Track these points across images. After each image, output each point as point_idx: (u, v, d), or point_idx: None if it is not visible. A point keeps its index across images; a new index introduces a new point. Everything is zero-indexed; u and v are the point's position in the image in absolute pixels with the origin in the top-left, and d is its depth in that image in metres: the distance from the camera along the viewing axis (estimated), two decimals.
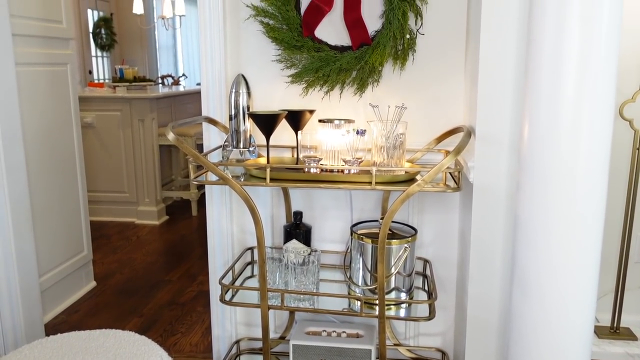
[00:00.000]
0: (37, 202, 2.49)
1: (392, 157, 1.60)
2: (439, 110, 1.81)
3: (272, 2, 1.76)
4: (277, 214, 1.98)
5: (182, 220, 4.39)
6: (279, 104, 1.88)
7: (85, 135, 4.03)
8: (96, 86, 4.83)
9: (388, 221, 1.49)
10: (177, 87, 6.05)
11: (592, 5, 1.09)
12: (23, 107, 2.34)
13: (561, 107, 1.14)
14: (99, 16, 7.37)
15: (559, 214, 1.19)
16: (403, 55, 1.76)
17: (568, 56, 1.12)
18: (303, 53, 1.79)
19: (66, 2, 2.72)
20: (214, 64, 1.85)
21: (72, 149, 2.82)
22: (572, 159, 1.15)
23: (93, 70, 7.23)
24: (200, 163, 1.55)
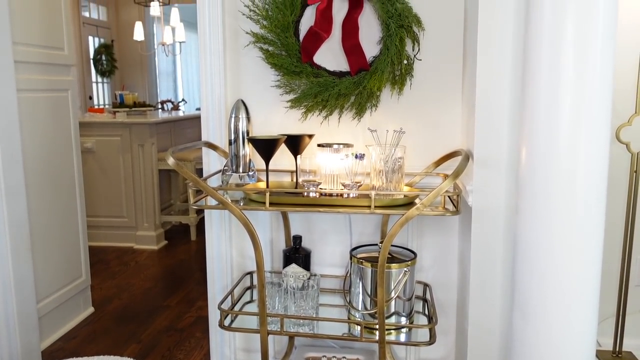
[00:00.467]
0: (36, 227, 2.48)
1: (390, 181, 1.61)
2: (437, 134, 1.83)
3: (272, 29, 1.79)
4: (277, 238, 1.98)
5: (180, 245, 4.38)
6: (278, 129, 1.89)
7: (85, 160, 4.05)
8: (96, 111, 4.86)
9: (387, 245, 1.49)
10: (176, 112, 6.09)
11: (586, 31, 1.11)
12: (24, 133, 2.35)
13: (558, 132, 1.15)
14: (100, 43, 7.46)
15: (558, 237, 1.19)
16: (401, 80, 1.79)
17: (564, 82, 1.13)
18: (302, 78, 1.81)
19: (68, 29, 2.76)
20: (214, 90, 1.87)
21: (72, 174, 2.83)
22: (570, 182, 1.16)
23: (93, 96, 7.29)
24: (200, 188, 1.56)
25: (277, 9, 1.78)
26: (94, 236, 4.19)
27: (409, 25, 1.74)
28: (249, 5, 1.83)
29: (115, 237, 4.32)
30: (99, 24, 7.51)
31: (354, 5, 1.77)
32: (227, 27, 1.87)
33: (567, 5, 1.11)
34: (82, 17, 6.99)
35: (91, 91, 7.24)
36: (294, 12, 1.78)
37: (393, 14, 1.72)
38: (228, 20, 1.86)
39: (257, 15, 1.81)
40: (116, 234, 4.31)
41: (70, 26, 2.78)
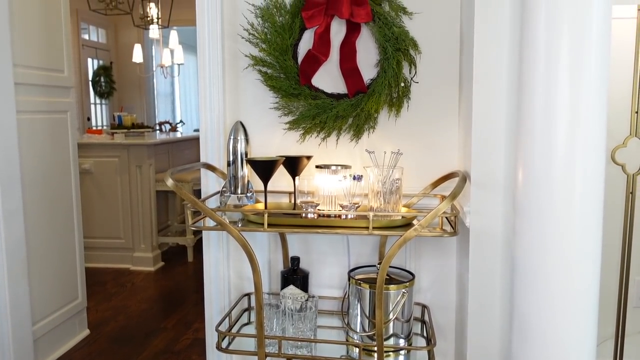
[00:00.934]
0: (32, 248, 2.48)
1: (388, 202, 1.62)
2: (434, 155, 1.84)
3: (270, 52, 1.81)
4: (275, 259, 1.98)
5: (177, 266, 4.36)
6: (276, 150, 1.90)
7: (82, 181, 4.04)
8: (95, 133, 4.88)
9: (385, 266, 1.49)
10: (174, 133, 6.12)
11: (580, 55, 1.13)
12: (22, 154, 2.36)
13: (554, 153, 1.16)
14: (99, 65, 7.52)
15: (555, 258, 1.20)
16: (398, 102, 1.81)
17: (559, 104, 1.15)
18: (300, 101, 1.83)
19: (68, 51, 2.78)
20: (213, 112, 1.88)
21: (70, 196, 2.83)
22: (567, 204, 1.17)
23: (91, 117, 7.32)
24: (199, 209, 1.56)
25: (276, 33, 1.80)
26: (91, 257, 4.17)
27: (406, 48, 1.76)
28: (248, 29, 1.85)
29: (112, 258, 4.30)
30: (98, 46, 7.58)
31: (351, 29, 1.80)
32: (227, 50, 1.89)
33: (561, 30, 1.13)
34: (81, 39, 7.05)
35: (89, 113, 7.27)
36: (293, 35, 1.81)
37: (390, 37, 1.75)
38: (227, 43, 1.89)
39: (256, 38, 1.84)
40: (113, 255, 4.29)
41: (70, 48, 2.81)
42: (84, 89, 7.15)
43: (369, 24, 1.78)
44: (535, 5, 1.17)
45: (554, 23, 1.14)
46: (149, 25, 5.81)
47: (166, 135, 5.22)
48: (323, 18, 1.77)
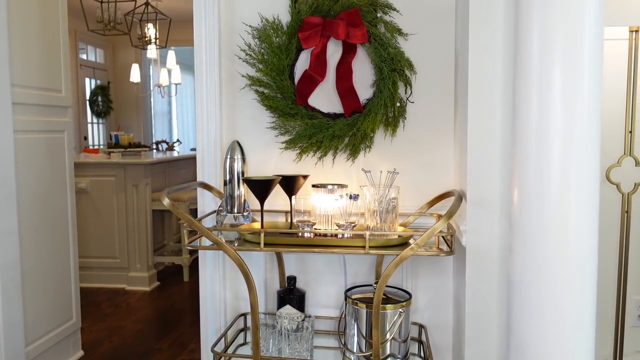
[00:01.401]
0: (27, 268, 2.46)
1: (385, 221, 1.62)
2: (430, 174, 1.85)
3: (267, 72, 1.83)
4: (271, 279, 1.97)
5: (173, 286, 4.33)
6: (273, 170, 1.91)
7: (78, 200, 4.04)
8: (91, 152, 4.88)
9: (382, 285, 1.49)
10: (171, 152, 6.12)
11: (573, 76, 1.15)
12: (19, 174, 2.36)
13: (549, 173, 1.17)
14: (97, 84, 7.55)
15: (551, 278, 1.20)
16: (394, 122, 1.82)
17: (553, 124, 1.16)
18: (297, 120, 1.84)
19: (66, 71, 2.80)
20: (210, 131, 1.89)
21: (66, 215, 2.82)
22: (562, 223, 1.17)
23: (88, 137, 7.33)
24: (195, 228, 1.56)
25: (273, 53, 1.82)
26: (86, 277, 4.14)
27: (402, 69, 1.78)
28: (245, 50, 1.87)
29: (107, 278, 4.27)
30: (96, 66, 7.63)
31: (347, 49, 1.82)
32: (224, 70, 1.91)
33: (554, 52, 1.15)
34: (79, 59, 7.10)
35: (86, 132, 7.29)
36: (289, 56, 1.82)
37: (386, 58, 1.77)
38: (224, 63, 1.91)
39: (253, 59, 1.85)
40: (108, 275, 4.26)
41: (68, 68, 2.82)
42: (81, 109, 7.17)
43: (364, 44, 1.80)
44: (529, 26, 1.19)
45: (547, 45, 1.15)
46: (147, 45, 5.85)
47: (163, 155, 5.23)
48: (319, 39, 1.79)
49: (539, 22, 1.16)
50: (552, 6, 1.14)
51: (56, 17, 2.72)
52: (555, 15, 1.14)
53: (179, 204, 4.21)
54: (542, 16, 1.15)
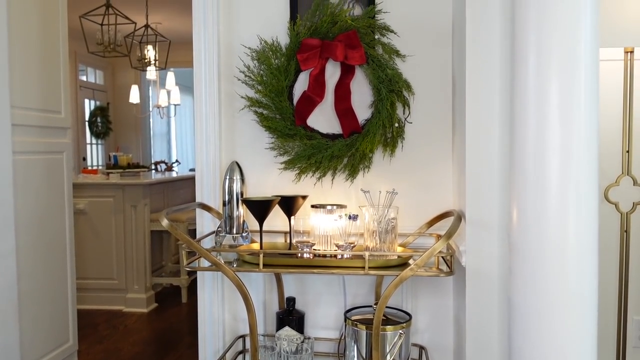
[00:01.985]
0: (24, 290, 2.44)
1: (384, 241, 1.62)
2: (429, 194, 1.85)
3: (266, 94, 1.84)
4: (270, 300, 1.96)
5: (171, 307, 4.29)
6: (272, 190, 1.91)
7: (76, 221, 4.02)
8: (90, 173, 4.88)
9: (382, 306, 1.48)
10: (170, 172, 6.13)
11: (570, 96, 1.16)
12: (17, 194, 2.35)
13: (547, 193, 1.17)
14: (96, 105, 7.59)
15: (551, 299, 1.19)
16: (392, 142, 1.83)
17: (550, 144, 1.17)
18: (296, 141, 1.85)
19: (66, 93, 2.82)
20: (209, 152, 1.90)
21: (64, 237, 2.81)
22: (561, 244, 1.17)
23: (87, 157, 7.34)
24: (194, 249, 1.55)
25: (272, 75, 1.83)
26: (83, 299, 4.11)
27: (400, 90, 1.79)
28: (245, 71, 1.88)
29: (105, 299, 4.23)
30: (96, 87, 7.67)
31: (346, 71, 1.83)
32: (223, 92, 1.92)
33: (550, 73, 1.16)
34: (79, 80, 7.14)
35: (85, 153, 7.30)
36: (288, 77, 1.84)
37: (384, 79, 1.78)
38: (224, 85, 1.92)
39: (252, 80, 1.87)
40: (105, 296, 4.23)
41: (67, 90, 2.84)
42: (80, 129, 7.20)
43: (363, 66, 1.81)
44: (525, 48, 1.20)
45: (543, 66, 1.17)
46: (147, 67, 5.89)
47: (162, 175, 5.23)
48: (318, 61, 1.81)
49: (535, 44, 1.17)
50: (547, 28, 1.16)
51: (57, 39, 2.74)
52: (551, 36, 1.15)
53: (178, 224, 4.20)
54: (538, 38, 1.17)
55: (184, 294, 4.41)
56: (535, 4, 1.17)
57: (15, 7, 2.32)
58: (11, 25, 2.30)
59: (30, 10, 2.48)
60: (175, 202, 4.93)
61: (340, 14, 1.80)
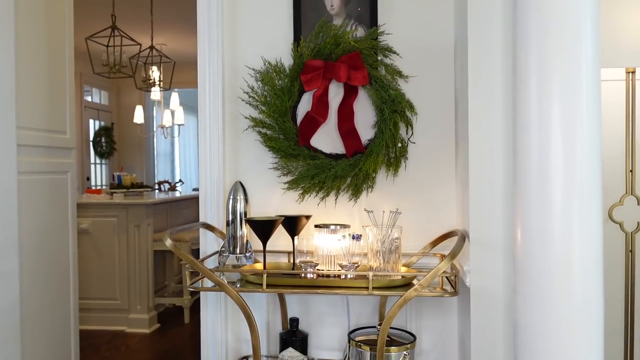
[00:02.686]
0: (26, 311, 2.43)
1: (388, 261, 1.61)
2: (433, 214, 1.85)
3: (270, 114, 1.86)
4: (273, 321, 1.95)
5: (174, 328, 4.27)
6: (275, 210, 1.91)
7: (80, 241, 4.02)
8: (94, 192, 4.90)
9: (386, 327, 1.47)
10: (173, 192, 6.14)
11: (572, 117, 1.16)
12: (21, 214, 2.36)
13: (551, 213, 1.17)
14: (100, 125, 7.64)
15: (557, 319, 1.18)
16: (395, 162, 1.83)
17: (554, 164, 1.17)
18: (299, 161, 1.86)
19: (71, 113, 2.84)
20: (213, 172, 1.91)
21: (67, 257, 2.81)
22: (566, 264, 1.17)
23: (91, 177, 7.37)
24: (197, 269, 1.55)
25: (276, 95, 1.85)
26: (85, 319, 4.08)
27: (402, 110, 1.81)
28: (248, 92, 1.90)
29: (107, 320, 4.21)
30: (101, 108, 7.73)
31: (349, 91, 1.85)
32: (227, 112, 1.93)
33: (552, 94, 1.17)
34: (84, 101, 7.20)
35: (89, 172, 7.33)
36: (292, 98, 1.85)
37: (387, 99, 1.79)
38: (228, 105, 1.93)
39: (256, 101, 1.88)
40: (108, 316, 4.21)
41: (73, 111, 2.86)
42: (85, 149, 7.24)
43: (366, 86, 1.83)
44: (527, 68, 1.21)
45: (545, 87, 1.17)
46: (151, 87, 5.94)
47: (165, 195, 5.24)
48: (321, 81, 1.83)
49: (537, 65, 1.18)
50: (549, 49, 1.17)
51: (63, 60, 2.77)
52: (553, 57, 1.16)
53: (181, 244, 4.19)
54: (540, 59, 1.18)
55: (187, 314, 4.38)
56: (536, 26, 1.19)
57: (22, 29, 2.36)
58: (18, 47, 2.33)
59: (37, 32, 2.52)
60: (179, 222, 4.93)
61: (343, 35, 1.82)
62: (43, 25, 2.57)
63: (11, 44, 2.23)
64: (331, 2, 1.87)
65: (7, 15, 2.19)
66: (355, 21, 1.86)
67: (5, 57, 2.19)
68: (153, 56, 5.57)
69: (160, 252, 4.49)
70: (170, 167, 9.15)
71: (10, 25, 2.22)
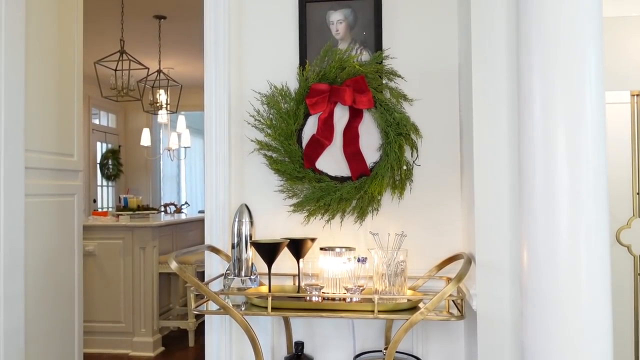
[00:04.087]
0: (31, 334, 2.42)
1: (393, 284, 1.60)
2: (438, 237, 1.84)
3: (276, 137, 1.87)
4: (278, 344, 1.93)
5: (178, 351, 4.23)
6: (281, 233, 1.91)
7: (85, 263, 4.02)
8: (100, 215, 4.91)
9: (392, 352, 1.45)
10: (179, 215, 6.15)
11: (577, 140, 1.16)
12: (28, 237, 2.37)
13: (557, 237, 1.17)
14: (108, 148, 7.70)
15: (564, 344, 1.17)
16: (401, 185, 1.83)
17: (559, 188, 1.17)
18: (305, 183, 1.86)
19: (79, 136, 2.86)
20: (218, 195, 1.91)
21: (72, 279, 2.80)
22: (574, 288, 1.16)
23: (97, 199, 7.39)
24: (202, 292, 1.54)
25: (281, 119, 1.86)
26: (89, 342, 4.06)
27: (407, 133, 1.81)
28: (254, 115, 1.92)
29: (111, 343, 4.18)
30: (108, 131, 7.80)
31: (354, 114, 1.86)
32: (233, 135, 1.95)
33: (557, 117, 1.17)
34: (92, 124, 7.27)
35: (96, 194, 7.36)
36: (297, 121, 1.87)
37: (392, 122, 1.80)
38: (234, 129, 1.95)
39: (261, 124, 1.90)
40: (112, 340, 4.18)
41: (80, 134, 2.89)
42: (92, 172, 7.28)
43: (371, 110, 1.84)
44: (531, 93, 1.22)
45: (550, 111, 1.18)
46: (158, 110, 6.00)
47: (171, 217, 5.25)
48: (327, 105, 1.84)
49: (540, 89, 1.19)
50: (552, 73, 1.18)
51: (72, 84, 2.81)
52: (556, 82, 1.17)
53: (186, 267, 4.18)
54: (544, 83, 1.19)
55: (191, 337, 4.35)
56: (540, 50, 1.20)
57: (32, 53, 2.39)
58: (28, 70, 2.37)
59: (47, 55, 2.55)
60: (184, 244, 4.93)
61: (348, 59, 1.84)
62: (53, 49, 2.61)
63: (21, 67, 2.27)
64: (336, 27, 1.89)
65: (17, 39, 2.23)
66: (360, 45, 1.88)
67: (15, 80, 2.22)
68: (160, 80, 5.64)
69: (166, 275, 4.48)
70: (176, 189, 9.18)
71: (20, 49, 2.26)
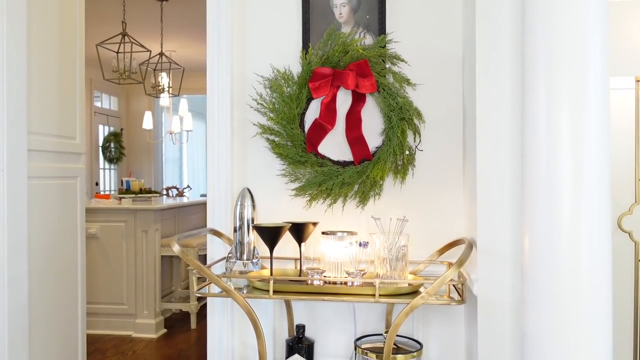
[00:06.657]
0: (35, 315, 2.45)
1: (395, 269, 1.61)
2: (440, 222, 1.85)
3: (278, 121, 1.86)
4: (280, 327, 1.95)
5: (180, 333, 4.27)
6: (283, 217, 1.92)
7: (88, 246, 4.04)
8: (102, 198, 4.92)
9: (392, 335, 1.46)
10: (181, 198, 6.16)
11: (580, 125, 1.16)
12: (31, 219, 2.38)
13: (559, 222, 1.17)
14: (110, 131, 7.69)
15: (565, 329, 1.18)
16: (403, 169, 1.83)
17: (562, 174, 1.17)
18: (307, 168, 1.86)
19: (81, 119, 2.86)
20: (221, 179, 1.91)
21: (75, 261, 2.82)
22: (575, 274, 1.16)
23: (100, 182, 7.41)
24: (204, 275, 1.55)
25: (284, 103, 1.86)
26: (92, 324, 4.10)
27: (410, 118, 1.81)
28: (257, 99, 1.91)
29: (114, 324, 4.22)
30: (110, 113, 7.79)
31: (357, 99, 1.85)
32: (235, 119, 1.94)
33: (560, 102, 1.17)
34: (94, 106, 7.25)
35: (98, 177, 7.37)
36: (300, 105, 1.86)
37: (394, 107, 1.80)
38: (236, 112, 1.94)
39: (264, 108, 1.89)
40: (115, 321, 4.22)
41: (83, 116, 2.89)
42: (94, 155, 7.29)
43: (374, 94, 1.83)
44: (535, 78, 1.21)
45: (554, 96, 1.17)
46: (160, 93, 5.98)
47: (173, 200, 5.26)
48: (329, 89, 1.83)
49: (545, 74, 1.19)
50: (556, 59, 1.17)
51: (74, 67, 2.80)
52: (561, 67, 1.16)
53: (188, 250, 4.20)
54: (548, 69, 1.18)
55: (193, 319, 4.38)
56: (544, 36, 1.19)
57: (34, 35, 2.38)
58: (30, 53, 2.36)
59: (48, 38, 2.54)
60: (187, 228, 4.95)
61: (351, 43, 1.83)
62: (54, 32, 2.60)
63: (23, 49, 2.26)
64: (340, 10, 1.88)
65: (19, 22, 2.22)
66: (363, 29, 1.87)
67: (17, 63, 2.22)
68: (162, 63, 5.61)
69: (168, 258, 4.50)
70: (178, 172, 9.19)
71: (22, 32, 2.25)
